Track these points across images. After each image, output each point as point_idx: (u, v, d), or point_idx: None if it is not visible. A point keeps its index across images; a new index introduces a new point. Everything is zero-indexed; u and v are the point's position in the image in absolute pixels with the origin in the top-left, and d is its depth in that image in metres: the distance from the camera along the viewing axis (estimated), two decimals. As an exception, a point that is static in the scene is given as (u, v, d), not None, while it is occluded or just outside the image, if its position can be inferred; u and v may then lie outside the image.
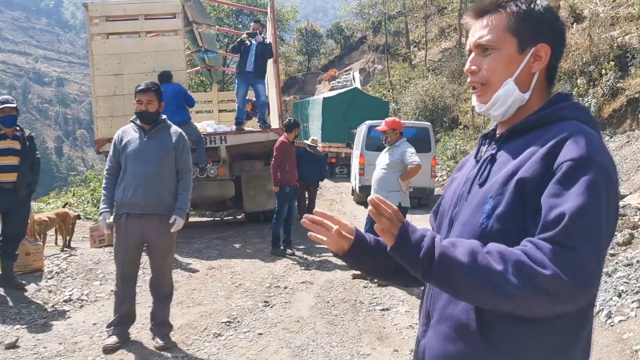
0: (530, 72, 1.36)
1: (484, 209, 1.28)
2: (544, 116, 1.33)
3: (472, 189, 1.36)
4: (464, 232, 1.31)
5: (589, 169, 1.16)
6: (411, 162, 6.19)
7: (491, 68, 1.36)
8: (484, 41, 1.36)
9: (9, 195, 5.56)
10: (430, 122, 17.19)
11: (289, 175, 7.87)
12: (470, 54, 1.41)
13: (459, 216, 1.37)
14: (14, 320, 5.02)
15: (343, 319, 5.19)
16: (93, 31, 8.77)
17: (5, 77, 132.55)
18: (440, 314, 1.35)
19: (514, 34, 1.34)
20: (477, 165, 1.40)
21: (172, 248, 4.61)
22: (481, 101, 1.40)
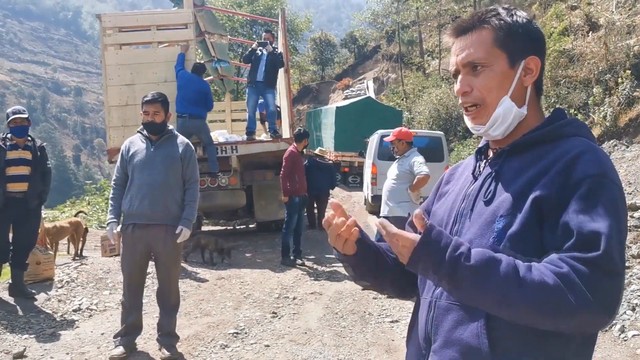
0: (523, 87, 1.32)
1: (493, 228, 1.23)
2: (550, 132, 1.29)
3: (475, 206, 1.31)
4: None
5: (610, 186, 1.16)
6: (419, 172, 6.13)
7: (485, 87, 1.31)
8: (473, 59, 1.31)
9: (19, 205, 5.60)
10: (443, 131, 17.11)
11: (298, 185, 7.86)
12: (458, 75, 1.36)
13: (462, 235, 1.30)
14: (23, 329, 5.04)
15: (351, 331, 5.13)
16: (106, 42, 8.87)
17: (25, 87, 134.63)
18: (445, 338, 1.28)
19: (502, 49, 1.31)
20: (479, 182, 1.35)
21: (178, 258, 4.60)
22: (478, 122, 1.35)
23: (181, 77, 8.46)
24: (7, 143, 5.63)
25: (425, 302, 1.37)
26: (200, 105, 8.46)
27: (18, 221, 5.70)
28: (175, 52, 9.11)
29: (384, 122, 17.44)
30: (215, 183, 8.94)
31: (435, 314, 1.31)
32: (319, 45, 40.53)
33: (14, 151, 5.64)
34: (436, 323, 1.31)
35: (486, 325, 1.19)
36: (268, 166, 9.94)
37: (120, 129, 8.64)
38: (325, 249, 9.13)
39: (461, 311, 1.24)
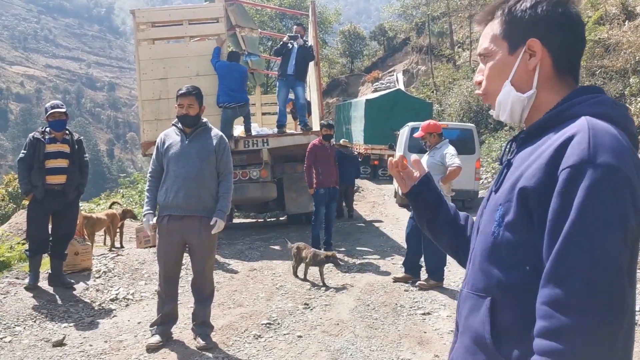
0: (529, 70, 1.30)
1: (495, 216, 1.25)
2: (554, 115, 1.25)
3: (490, 196, 1.34)
4: (480, 242, 1.30)
5: (590, 173, 1.05)
6: (451, 164, 6.09)
7: (488, 76, 1.36)
8: (481, 50, 1.38)
9: (58, 197, 5.75)
10: (474, 123, 16.93)
11: (322, 177, 7.89)
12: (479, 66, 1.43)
13: (480, 225, 1.35)
14: (62, 318, 5.19)
15: (383, 323, 5.14)
16: (140, 37, 9.01)
17: (60, 82, 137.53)
18: (463, 325, 1.34)
19: (504, 38, 1.33)
20: (499, 172, 1.38)
21: (213, 250, 4.67)
22: (492, 108, 1.40)
23: (220, 67, 8.68)
24: (46, 137, 5.78)
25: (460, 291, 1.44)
26: (244, 90, 8.99)
27: (57, 213, 5.86)
28: (206, 46, 9.21)
29: (414, 114, 17.32)
30: (246, 176, 9.03)
31: (460, 302, 1.39)
32: (348, 37, 40.38)
33: (52, 144, 5.79)
34: (460, 311, 1.38)
35: (490, 313, 1.22)
36: (298, 159, 9.97)
37: (153, 123, 8.78)
38: (356, 241, 9.15)
39: (473, 299, 1.29)
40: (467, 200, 12.48)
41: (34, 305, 5.32)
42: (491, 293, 1.23)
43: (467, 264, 1.41)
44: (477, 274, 1.29)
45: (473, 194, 12.51)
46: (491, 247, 1.23)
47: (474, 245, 1.37)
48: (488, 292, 1.24)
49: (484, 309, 1.24)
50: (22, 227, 8.00)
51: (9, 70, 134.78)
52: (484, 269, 1.26)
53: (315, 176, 7.89)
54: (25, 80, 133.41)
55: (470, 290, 1.31)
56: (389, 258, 7.90)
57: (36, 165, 5.68)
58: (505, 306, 1.20)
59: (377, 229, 10.53)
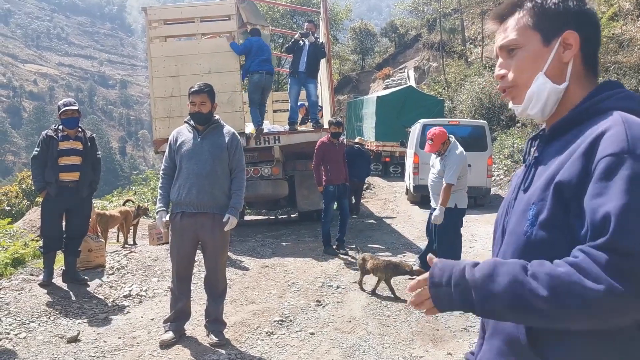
0: (562, 62, 1.29)
1: (527, 215, 1.22)
2: (584, 110, 1.24)
3: (518, 195, 1.32)
4: (511, 242, 1.27)
5: (631, 164, 1.06)
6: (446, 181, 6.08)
7: (519, 67, 1.31)
8: (506, 42, 1.33)
9: (71, 194, 5.80)
10: (486, 120, 16.79)
11: (331, 174, 7.88)
12: (498, 60, 1.38)
13: (508, 225, 1.32)
14: (76, 314, 5.23)
15: (396, 320, 5.13)
16: (152, 34, 9.03)
17: (72, 80, 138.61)
18: (493, 327, 1.31)
19: (535, 29, 1.30)
20: (524, 170, 1.35)
21: (225, 246, 4.67)
22: (516, 102, 1.35)
23: (249, 44, 9.14)
24: (59, 134, 5.82)
25: None
26: (271, 63, 9.42)
27: (70, 210, 5.91)
28: (218, 43, 9.22)
29: (426, 111, 17.27)
30: (258, 173, 9.05)
31: None
32: (359, 34, 40.29)
33: (65, 142, 5.83)
34: None
35: None
36: (310, 156, 9.96)
37: (165, 120, 8.81)
38: (368, 238, 9.14)
39: None
40: (479, 198, 12.42)
41: (48, 302, 5.36)
42: None
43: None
44: None
45: (485, 191, 12.44)
46: (524, 247, 1.21)
47: (498, 246, 1.34)
48: None
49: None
50: (36, 223, 8.07)
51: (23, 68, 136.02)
52: None
53: (324, 173, 7.88)
54: (39, 78, 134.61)
55: None
56: (400, 255, 7.87)
57: (50, 163, 5.72)
58: None
59: (388, 226, 10.51)
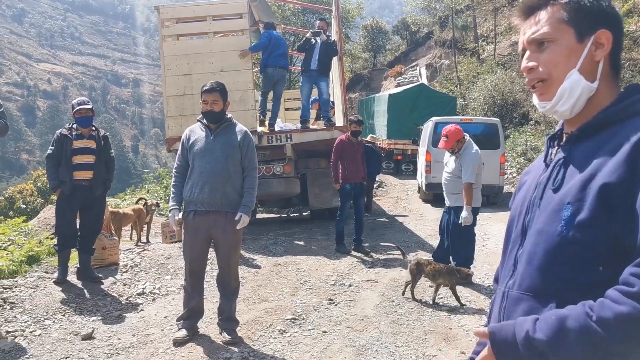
0: (594, 61, 1.27)
1: (561, 215, 1.19)
2: (619, 111, 1.23)
3: (544, 194, 1.29)
4: (540, 241, 1.24)
5: None
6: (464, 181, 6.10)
7: (551, 61, 1.28)
8: (539, 35, 1.30)
9: (85, 193, 5.84)
10: (499, 118, 16.70)
11: (348, 172, 7.87)
12: (525, 54, 1.35)
13: (533, 224, 1.29)
14: (91, 312, 5.27)
15: (408, 319, 5.12)
16: (164, 33, 9.07)
17: (86, 79, 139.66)
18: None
19: (570, 25, 1.28)
20: (549, 169, 1.32)
21: (238, 245, 4.69)
22: (544, 99, 1.32)
23: (268, 35, 9.28)
24: (73, 133, 5.87)
25: (499, 292, 1.39)
26: (287, 58, 9.60)
27: (84, 208, 5.95)
28: (230, 42, 9.25)
29: (438, 109, 17.19)
30: (270, 171, 9.07)
31: (507, 304, 1.32)
32: (370, 32, 40.13)
33: (79, 140, 5.87)
34: (508, 313, 1.31)
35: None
36: (322, 154, 9.98)
37: (178, 119, 8.85)
38: (380, 237, 9.12)
39: (531, 302, 1.24)
40: (492, 196, 12.35)
41: (62, 299, 5.41)
42: (556, 294, 1.19)
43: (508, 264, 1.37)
44: (536, 275, 1.24)
45: (498, 189, 12.37)
46: (557, 247, 1.19)
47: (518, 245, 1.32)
48: (551, 294, 1.20)
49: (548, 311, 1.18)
50: (50, 221, 8.14)
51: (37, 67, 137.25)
52: (547, 269, 1.22)
53: (342, 171, 7.88)
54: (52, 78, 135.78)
55: (525, 291, 1.27)
56: (413, 253, 7.85)
57: (64, 161, 5.77)
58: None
59: (400, 224, 10.48)
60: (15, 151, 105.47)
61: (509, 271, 1.35)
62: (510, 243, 1.40)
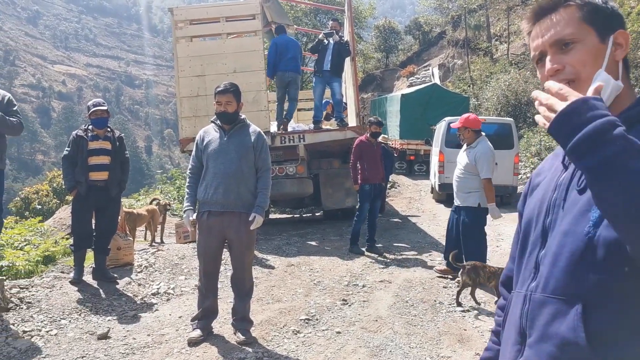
0: (615, 61, 1.27)
1: (589, 216, 1.17)
2: None
3: (568, 195, 1.26)
4: (566, 243, 1.22)
5: None
6: (482, 177, 6.05)
7: (579, 61, 1.27)
8: (562, 36, 1.28)
9: (101, 193, 5.89)
10: (513, 117, 16.60)
11: (368, 173, 7.86)
12: (542, 59, 1.32)
13: (557, 225, 1.26)
14: (106, 311, 5.31)
15: (422, 320, 5.10)
16: (178, 34, 9.12)
17: (100, 81, 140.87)
18: (541, 332, 1.24)
19: (590, 25, 1.27)
20: (569, 170, 1.30)
21: (252, 245, 4.70)
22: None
23: (273, 45, 9.36)
24: (89, 134, 5.92)
25: (520, 295, 1.34)
26: (298, 61, 9.47)
27: (100, 208, 6.00)
28: (243, 43, 9.29)
29: (451, 109, 17.11)
30: (283, 172, 9.08)
31: (530, 308, 1.28)
32: (382, 32, 40.11)
33: (95, 142, 5.92)
34: (531, 317, 1.27)
35: (583, 318, 1.15)
36: (335, 155, 9.99)
37: (191, 119, 8.89)
38: (393, 237, 9.10)
39: (557, 304, 1.21)
40: (506, 196, 12.27)
41: (78, 299, 5.46)
42: (583, 296, 1.16)
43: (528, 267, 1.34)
44: (561, 277, 1.22)
45: (512, 189, 12.29)
46: (584, 249, 1.17)
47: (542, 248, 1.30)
48: (578, 296, 1.17)
49: (575, 313, 1.16)
50: (66, 222, 8.23)
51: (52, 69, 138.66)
52: (573, 271, 1.19)
53: (361, 172, 7.89)
54: (67, 79, 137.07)
55: (550, 294, 1.23)
56: (426, 254, 7.83)
57: (80, 162, 5.82)
58: (600, 309, 1.14)
59: (414, 225, 10.45)
60: (30, 152, 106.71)
61: (530, 273, 1.32)
62: (529, 245, 1.37)
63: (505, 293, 1.56)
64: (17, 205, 21.59)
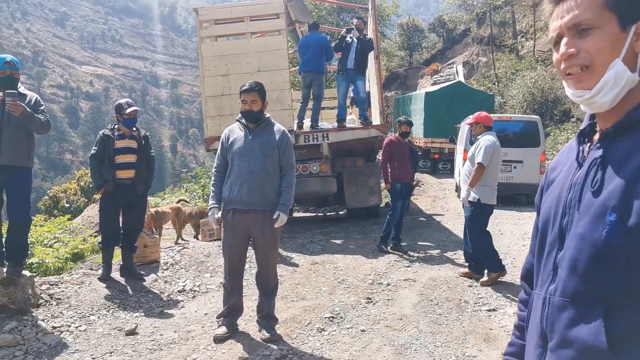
0: (634, 52, 1.21)
1: (605, 220, 1.14)
2: None
3: (583, 196, 1.22)
4: (584, 247, 1.19)
5: None
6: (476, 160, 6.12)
7: (595, 47, 1.21)
8: (580, 20, 1.22)
9: (128, 191, 5.98)
10: (539, 115, 16.38)
11: (399, 171, 7.87)
12: (560, 41, 1.27)
13: (573, 227, 1.23)
14: (134, 308, 5.39)
15: (447, 319, 5.07)
16: (203, 34, 9.20)
17: (126, 81, 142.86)
18: (561, 337, 1.22)
19: (612, 11, 1.20)
20: (584, 169, 1.25)
21: (276, 243, 4.72)
22: (583, 87, 1.24)
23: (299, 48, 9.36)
24: (115, 133, 6.01)
25: (539, 297, 1.31)
26: (319, 58, 9.35)
27: (127, 206, 6.09)
28: (267, 42, 9.33)
29: (475, 107, 16.82)
30: (307, 170, 9.10)
31: (550, 311, 1.26)
32: (406, 30, 39.91)
33: (121, 140, 6.01)
34: (551, 320, 1.25)
35: (605, 323, 1.12)
36: (358, 153, 9.97)
37: (216, 119, 8.96)
38: (418, 236, 9.06)
39: (576, 308, 1.18)
40: (532, 195, 12.10)
41: (107, 295, 5.55)
42: (602, 301, 1.14)
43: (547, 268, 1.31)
44: (580, 282, 1.19)
45: (537, 188, 12.11)
46: (603, 254, 1.14)
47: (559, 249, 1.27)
48: (597, 300, 1.15)
49: (595, 318, 1.14)
50: (93, 220, 8.37)
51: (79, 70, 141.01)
52: (592, 275, 1.17)
53: (391, 171, 7.89)
54: (94, 80, 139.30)
55: (569, 298, 1.21)
56: (451, 253, 7.77)
57: (107, 161, 5.92)
58: (620, 313, 1.12)
59: (438, 224, 10.38)
60: (59, 151, 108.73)
61: (549, 276, 1.29)
62: (546, 246, 1.34)
63: (527, 287, 1.53)
64: (46, 204, 22.01)
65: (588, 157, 1.26)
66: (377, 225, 9.90)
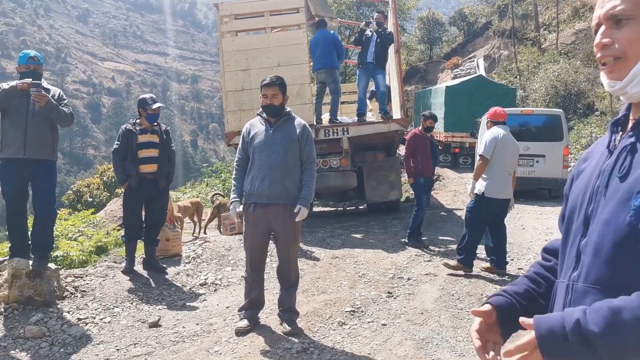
0: None
1: (630, 205, 1.14)
2: None
3: (610, 182, 1.23)
4: (608, 232, 1.19)
5: None
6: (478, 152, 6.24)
7: (629, 39, 1.21)
8: (618, 11, 1.22)
9: (150, 185, 6.05)
10: (562, 109, 16.15)
11: (422, 166, 7.86)
12: (598, 29, 1.28)
13: (598, 214, 1.23)
14: (157, 300, 5.46)
15: (468, 313, 5.04)
16: (223, 29, 9.23)
17: (147, 77, 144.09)
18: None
19: None
20: (614, 156, 1.26)
21: (297, 237, 4.74)
22: (614, 77, 1.25)
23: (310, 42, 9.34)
24: (137, 127, 6.08)
25: (563, 285, 1.32)
26: (330, 53, 9.34)
27: (149, 200, 6.16)
28: (287, 36, 9.33)
29: (497, 100, 16.68)
30: (327, 164, 9.10)
31: (573, 298, 1.26)
32: (426, 24, 39.57)
33: (143, 135, 6.08)
34: (574, 307, 1.23)
35: None
36: (379, 147, 9.93)
37: (237, 113, 8.99)
38: (438, 230, 9.02)
39: (599, 294, 1.18)
40: (554, 189, 11.96)
41: (130, 288, 5.63)
42: (626, 287, 1.13)
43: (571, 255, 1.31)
44: (604, 267, 1.19)
45: (561, 182, 11.94)
46: (627, 238, 1.14)
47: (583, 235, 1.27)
48: (620, 286, 1.15)
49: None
50: (116, 214, 8.48)
51: (101, 66, 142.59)
52: (616, 261, 1.17)
53: (414, 165, 7.88)
54: (116, 75, 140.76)
55: (592, 284, 1.22)
56: (472, 248, 7.72)
57: (130, 156, 5.99)
58: None
59: (459, 218, 10.30)
60: (82, 147, 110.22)
61: (572, 262, 1.30)
62: (571, 234, 1.34)
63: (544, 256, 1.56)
64: (69, 198, 22.36)
65: (619, 145, 1.26)
66: (397, 219, 9.87)
